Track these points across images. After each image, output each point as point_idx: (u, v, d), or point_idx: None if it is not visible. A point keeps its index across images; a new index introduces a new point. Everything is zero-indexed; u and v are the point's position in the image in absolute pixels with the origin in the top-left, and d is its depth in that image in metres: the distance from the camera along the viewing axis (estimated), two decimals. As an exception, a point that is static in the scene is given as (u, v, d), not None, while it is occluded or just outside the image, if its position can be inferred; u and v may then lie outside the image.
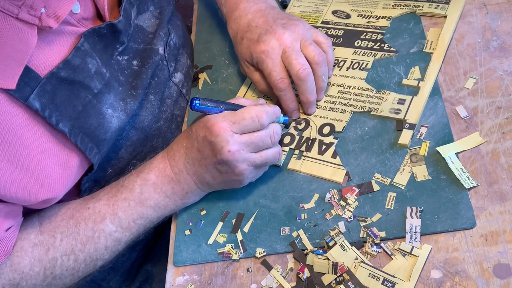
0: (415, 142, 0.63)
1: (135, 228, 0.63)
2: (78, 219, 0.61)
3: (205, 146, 0.59)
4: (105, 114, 0.61)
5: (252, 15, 0.70)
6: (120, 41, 0.64)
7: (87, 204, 0.62)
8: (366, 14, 0.79)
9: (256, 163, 0.61)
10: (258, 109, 0.60)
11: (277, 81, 0.66)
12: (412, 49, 0.72)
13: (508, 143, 0.59)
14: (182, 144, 0.62)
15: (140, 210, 0.62)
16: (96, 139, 0.60)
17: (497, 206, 0.56)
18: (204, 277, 0.62)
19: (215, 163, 0.60)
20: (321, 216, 0.61)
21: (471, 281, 0.52)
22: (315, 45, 0.67)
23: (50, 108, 0.54)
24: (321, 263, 0.57)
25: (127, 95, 0.65)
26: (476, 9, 0.73)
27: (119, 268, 0.83)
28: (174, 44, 0.76)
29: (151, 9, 0.71)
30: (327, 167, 0.65)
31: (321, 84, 0.69)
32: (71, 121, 0.57)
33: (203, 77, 0.82)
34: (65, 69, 0.55)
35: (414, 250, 0.55)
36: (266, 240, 0.62)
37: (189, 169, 0.62)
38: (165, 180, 0.62)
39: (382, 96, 0.68)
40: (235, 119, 0.59)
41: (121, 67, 0.65)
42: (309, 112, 0.70)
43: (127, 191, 0.62)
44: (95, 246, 0.61)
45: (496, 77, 0.65)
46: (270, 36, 0.66)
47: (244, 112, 0.59)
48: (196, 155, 0.61)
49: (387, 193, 0.60)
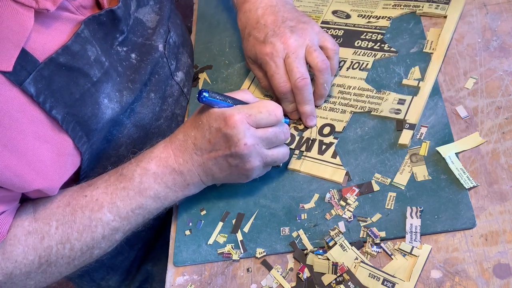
0: (415, 142, 0.63)
1: (133, 218, 0.62)
2: (74, 206, 0.60)
3: (219, 137, 0.58)
4: (100, 104, 0.60)
5: (262, 10, 0.70)
6: (120, 29, 0.63)
7: (84, 191, 0.61)
8: (366, 14, 0.79)
9: (267, 160, 0.61)
10: (274, 104, 0.60)
11: (279, 84, 0.66)
12: (412, 49, 0.72)
13: (508, 143, 0.59)
14: (189, 135, 0.61)
15: (139, 200, 0.61)
16: (88, 128, 0.60)
17: (497, 206, 0.56)
18: (204, 277, 0.62)
19: (227, 155, 0.59)
20: (321, 216, 0.61)
21: (471, 281, 0.52)
22: (320, 52, 0.67)
23: (46, 94, 0.53)
24: (321, 263, 0.57)
25: (124, 87, 0.64)
26: (476, 9, 0.73)
27: (118, 267, 0.83)
28: (174, 43, 0.76)
29: (151, 3, 0.71)
30: (327, 167, 0.65)
31: (322, 91, 0.68)
32: (66, 108, 0.56)
33: (203, 77, 0.82)
34: (64, 54, 0.55)
35: (414, 250, 0.55)
36: (266, 240, 0.62)
37: (195, 160, 0.61)
38: (166, 171, 0.61)
39: (382, 96, 0.68)
40: (251, 112, 0.58)
41: (120, 58, 0.65)
42: (309, 124, 0.69)
43: (126, 180, 0.61)
44: (92, 235, 0.60)
45: (496, 77, 0.65)
46: (276, 39, 0.66)
47: (260, 106, 0.59)
48: (207, 146, 0.60)
49: (387, 193, 0.60)
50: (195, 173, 0.61)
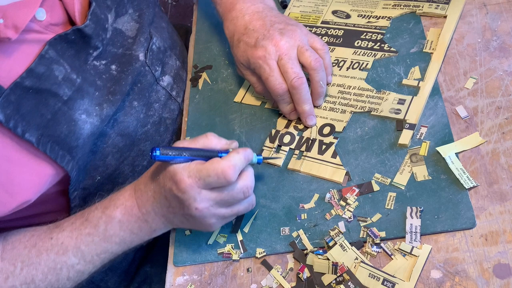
0: (415, 142, 0.63)
1: (98, 261, 0.62)
2: (40, 249, 0.60)
3: (173, 198, 0.57)
4: (77, 121, 0.60)
5: (249, 16, 0.70)
6: (93, 46, 0.62)
7: (51, 233, 0.61)
8: (366, 14, 0.79)
9: (226, 216, 0.59)
10: (225, 164, 0.55)
11: (275, 86, 0.66)
12: (412, 49, 0.72)
13: (508, 143, 0.59)
14: (150, 187, 0.60)
15: (105, 245, 0.61)
16: (67, 146, 0.60)
17: (497, 206, 0.56)
18: (204, 277, 0.62)
19: (183, 214, 0.58)
20: (321, 216, 0.61)
21: (471, 281, 0.52)
22: (312, 51, 0.67)
23: (16, 118, 0.53)
24: (321, 263, 0.57)
25: (104, 100, 0.64)
26: (476, 9, 0.73)
27: (117, 268, 0.83)
28: (157, 48, 0.75)
29: (130, 11, 0.70)
30: (327, 167, 0.65)
31: (319, 89, 0.68)
32: (40, 130, 0.56)
33: (203, 77, 0.82)
34: (29, 78, 0.54)
35: (414, 250, 0.55)
36: (266, 240, 0.62)
37: (157, 212, 0.60)
38: (131, 219, 0.60)
39: (382, 96, 0.68)
40: (200, 175, 0.55)
41: (99, 72, 0.64)
42: (308, 123, 0.69)
43: (91, 226, 0.60)
44: (57, 277, 0.60)
45: (496, 77, 0.65)
46: (267, 42, 0.66)
47: (209, 168, 0.55)
48: (164, 202, 0.59)
49: (387, 193, 0.60)
50: (160, 221, 0.61)
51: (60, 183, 0.65)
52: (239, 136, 0.73)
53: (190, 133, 0.76)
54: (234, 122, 0.74)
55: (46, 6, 0.58)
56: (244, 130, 0.72)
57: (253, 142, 0.71)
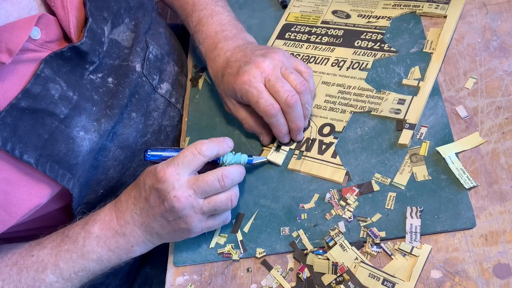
0: (415, 142, 0.63)
1: (77, 280, 0.61)
2: (21, 266, 0.60)
3: (153, 194, 0.57)
4: (75, 138, 0.60)
5: (230, 52, 0.69)
6: (89, 61, 0.62)
7: (32, 251, 0.61)
8: (366, 14, 0.79)
9: (204, 209, 0.58)
10: (199, 142, 0.58)
11: (267, 108, 0.63)
12: (412, 49, 0.72)
13: (508, 143, 0.59)
14: (130, 195, 0.60)
15: (82, 262, 0.60)
16: (67, 164, 0.59)
17: (497, 206, 0.56)
18: (204, 277, 0.62)
19: (162, 212, 0.58)
20: (321, 216, 0.61)
21: (471, 281, 0.52)
22: (296, 74, 0.65)
23: (13, 141, 0.53)
24: (321, 263, 0.57)
25: (101, 115, 0.64)
26: (476, 9, 0.73)
27: (118, 271, 0.83)
28: (154, 57, 0.74)
29: (126, 21, 0.69)
30: (327, 167, 0.65)
31: (305, 112, 0.66)
32: (38, 151, 0.56)
33: (203, 77, 0.82)
34: (24, 99, 0.54)
35: (414, 250, 0.55)
36: (266, 240, 0.62)
37: (136, 220, 0.60)
38: (109, 234, 0.60)
39: (382, 96, 0.68)
40: (178, 160, 0.56)
41: (95, 86, 0.63)
42: (298, 139, 0.68)
43: (70, 242, 0.61)
44: None
45: (496, 77, 0.65)
46: (250, 66, 0.64)
47: (185, 150, 0.57)
48: (144, 204, 0.59)
49: (387, 193, 0.60)
50: (138, 233, 0.61)
51: (62, 200, 0.65)
52: (239, 136, 0.73)
53: (190, 133, 0.76)
54: (234, 122, 0.74)
55: (41, 24, 0.57)
56: (244, 130, 0.72)
57: (253, 142, 0.71)
